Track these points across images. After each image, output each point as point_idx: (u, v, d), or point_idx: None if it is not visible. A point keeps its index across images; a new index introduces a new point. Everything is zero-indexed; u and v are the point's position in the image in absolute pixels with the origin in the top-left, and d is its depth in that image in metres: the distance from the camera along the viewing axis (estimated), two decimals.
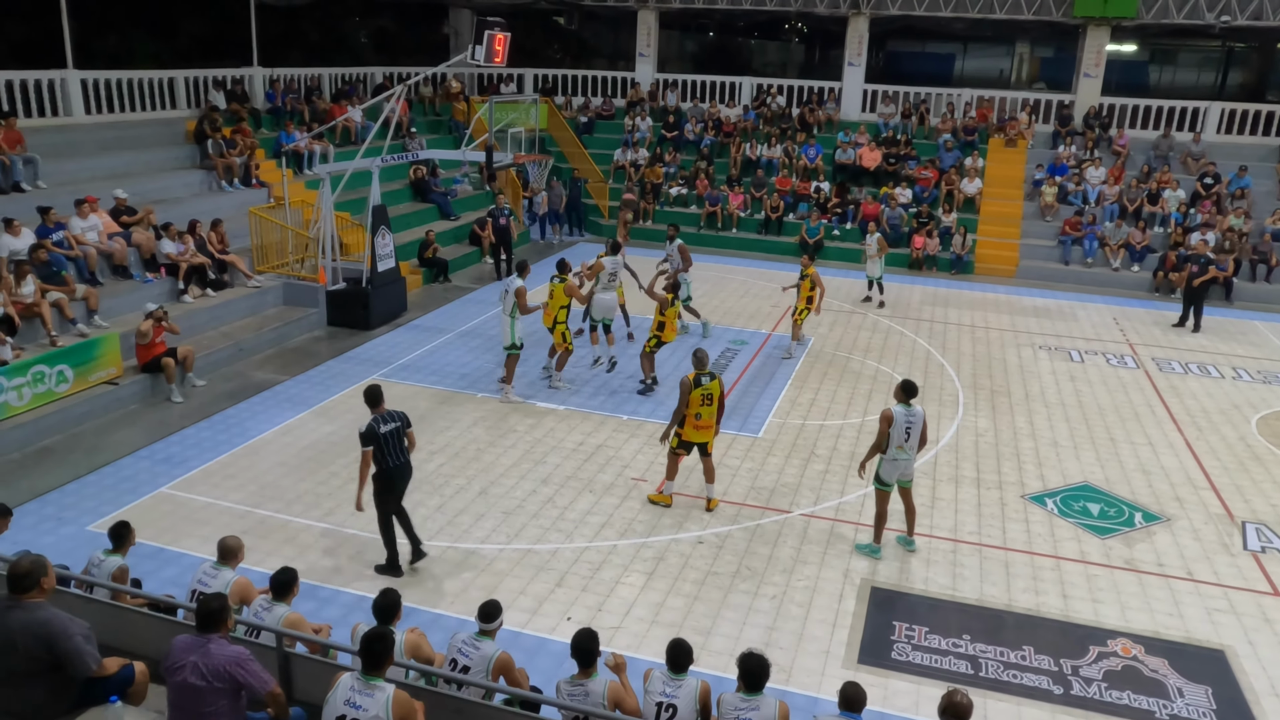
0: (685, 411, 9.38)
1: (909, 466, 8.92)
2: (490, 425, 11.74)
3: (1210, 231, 20.25)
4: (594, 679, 5.47)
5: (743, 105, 26.20)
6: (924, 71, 31.68)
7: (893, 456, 8.81)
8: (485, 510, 9.64)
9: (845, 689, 5.48)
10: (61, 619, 4.84)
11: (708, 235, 22.81)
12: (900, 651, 7.60)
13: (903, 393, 8.81)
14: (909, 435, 8.75)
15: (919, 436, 8.82)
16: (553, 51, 34.50)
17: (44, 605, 4.85)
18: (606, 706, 5.39)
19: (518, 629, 7.53)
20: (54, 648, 4.76)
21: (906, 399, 8.76)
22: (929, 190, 22.85)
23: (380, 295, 15.60)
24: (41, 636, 4.74)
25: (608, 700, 5.42)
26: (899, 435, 8.72)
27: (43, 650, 4.76)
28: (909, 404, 8.76)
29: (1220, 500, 10.55)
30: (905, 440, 8.75)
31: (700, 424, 9.45)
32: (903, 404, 8.76)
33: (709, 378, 9.40)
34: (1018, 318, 17.91)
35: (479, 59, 14.27)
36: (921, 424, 8.80)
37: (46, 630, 4.75)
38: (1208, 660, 7.65)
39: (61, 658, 4.78)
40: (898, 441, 8.74)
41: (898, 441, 8.74)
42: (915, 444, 8.83)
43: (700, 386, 9.34)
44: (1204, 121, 23.76)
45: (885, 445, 8.76)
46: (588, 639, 5.53)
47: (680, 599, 8.22)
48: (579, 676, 5.49)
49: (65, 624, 4.83)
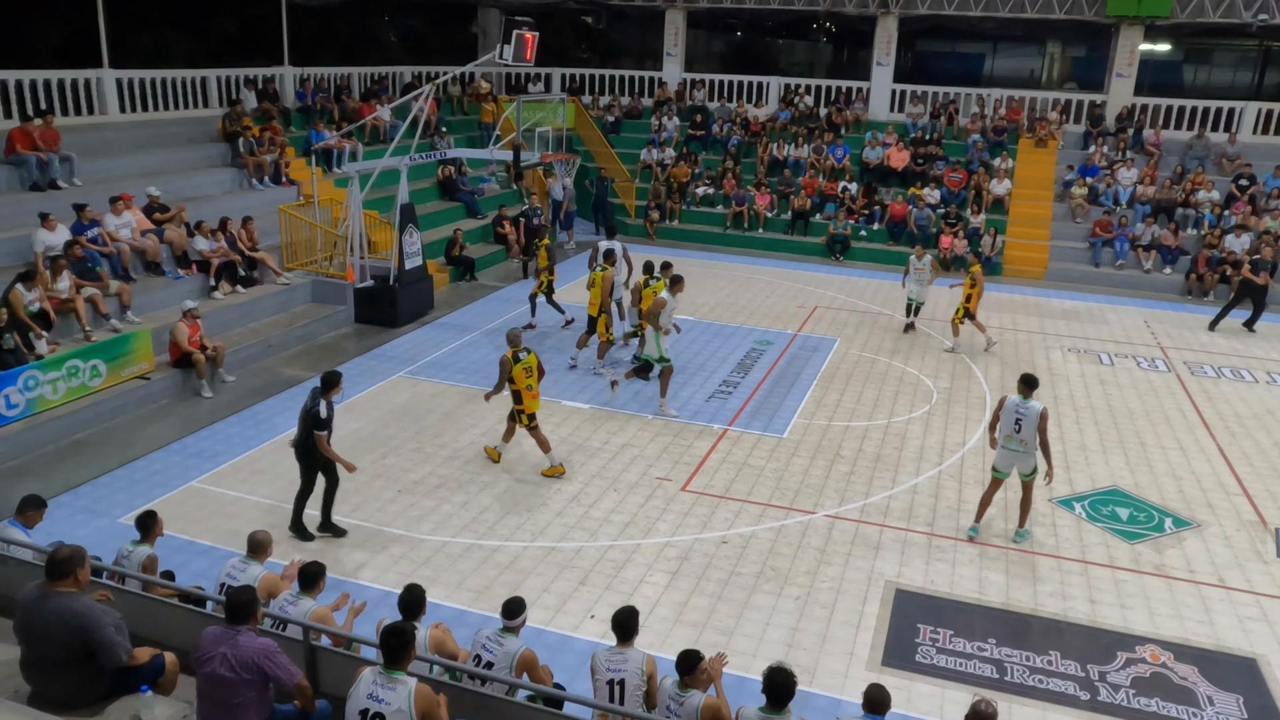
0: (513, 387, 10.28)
1: (1025, 460, 9.07)
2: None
3: (1245, 233, 19.96)
4: (633, 651, 5.64)
5: (774, 105, 26.13)
6: (953, 71, 31.46)
7: (1002, 445, 9.10)
8: (509, 508, 9.68)
9: (869, 691, 5.48)
10: (95, 609, 4.92)
11: (734, 235, 22.79)
12: (925, 654, 7.55)
13: (1023, 385, 9.05)
14: (1019, 427, 8.93)
15: (1033, 432, 8.88)
16: (581, 51, 34.60)
17: (78, 595, 4.94)
18: (644, 678, 5.52)
19: (541, 626, 7.56)
20: (87, 638, 4.85)
21: (1025, 392, 8.99)
22: (957, 191, 22.67)
23: (407, 293, 15.71)
24: (75, 626, 4.83)
25: (646, 669, 5.58)
26: (1008, 425, 8.98)
27: (76, 639, 4.84)
28: (1025, 397, 8.96)
29: (1253, 506, 10.40)
30: (1015, 431, 8.95)
31: (533, 394, 10.36)
32: (1019, 395, 9.00)
33: (525, 353, 10.34)
34: (1047, 320, 17.73)
35: (507, 58, 14.33)
36: (1036, 419, 8.87)
37: (80, 620, 4.84)
38: (1239, 668, 7.54)
39: (94, 647, 4.87)
40: (1006, 431, 9.01)
41: (1006, 431, 9.01)
42: (1030, 438, 8.92)
43: (519, 362, 10.23)
44: (1240, 122, 23.39)
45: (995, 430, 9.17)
46: (626, 615, 5.72)
47: (704, 599, 8.22)
48: (619, 646, 5.66)
49: (98, 614, 4.91)
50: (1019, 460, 9.09)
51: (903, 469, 10.97)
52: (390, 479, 10.19)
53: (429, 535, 9.07)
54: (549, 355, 13.93)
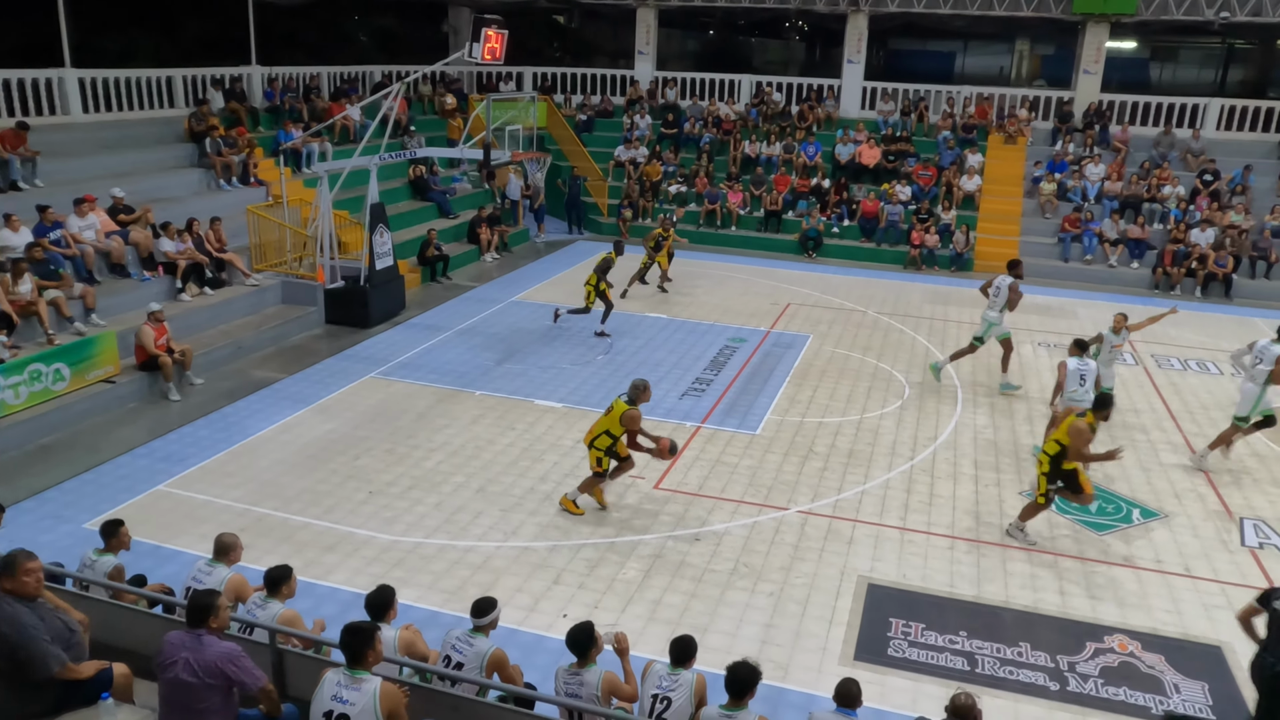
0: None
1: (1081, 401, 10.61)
2: (490, 423, 11.74)
3: (1210, 228, 20.24)
4: (590, 669, 5.54)
5: (745, 103, 26.21)
6: (925, 69, 31.67)
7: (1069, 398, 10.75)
8: (483, 508, 9.64)
9: (840, 685, 5.51)
10: (22, 616, 4.78)
11: (707, 233, 22.81)
12: (897, 648, 7.59)
13: (1076, 348, 10.97)
14: (1084, 381, 10.72)
15: (1093, 384, 10.76)
16: (552, 50, 34.50)
17: (11, 601, 4.81)
18: (600, 696, 5.44)
19: (514, 626, 7.54)
20: (14, 648, 4.72)
21: (1080, 353, 10.92)
22: (928, 187, 22.83)
23: (379, 293, 15.61)
24: (2, 634, 4.72)
25: (602, 689, 5.49)
26: (1074, 381, 10.79)
27: (5, 648, 4.74)
28: (1082, 356, 10.89)
29: (1219, 497, 10.54)
30: (1080, 386, 10.74)
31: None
32: (1076, 357, 10.88)
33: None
34: (1017, 315, 17.62)
35: (476, 56, 14.27)
36: (1095, 374, 10.92)
37: (6, 627, 4.72)
38: (1205, 656, 7.64)
39: (22, 658, 4.74)
40: (1072, 386, 10.78)
41: (1072, 386, 10.78)
42: (1090, 388, 10.69)
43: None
44: (1204, 118, 23.74)
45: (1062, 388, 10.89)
46: (581, 633, 5.60)
47: (677, 596, 8.22)
48: (576, 666, 5.57)
49: (26, 622, 4.77)
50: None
51: (875, 464, 11.03)
52: (363, 480, 10.11)
53: (402, 536, 9.01)
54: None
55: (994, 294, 13.53)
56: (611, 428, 9.26)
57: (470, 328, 15.65)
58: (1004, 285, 13.40)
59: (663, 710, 5.43)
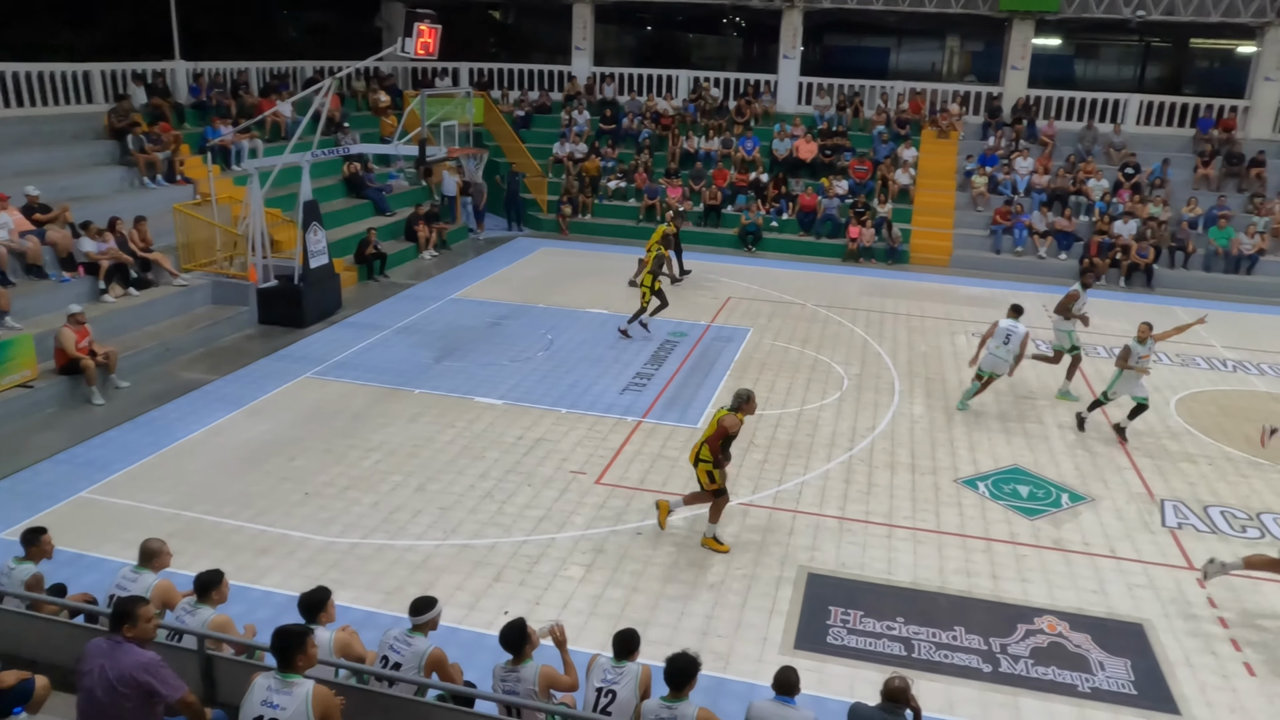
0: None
1: (1001, 365, 12.31)
2: (429, 421, 11.61)
3: (1132, 219, 20.87)
4: (526, 665, 5.52)
5: (683, 98, 26.28)
6: (860, 65, 32.06)
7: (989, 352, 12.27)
8: (422, 506, 9.53)
9: (779, 674, 5.57)
10: None
11: (647, 228, 22.74)
12: (836, 636, 7.69)
13: (1013, 311, 12.45)
14: (1008, 341, 12.17)
15: (1019, 345, 12.18)
16: (489, 45, 34.19)
17: None
18: (538, 691, 5.43)
19: (455, 624, 7.46)
20: None
21: (1015, 316, 12.37)
22: (864, 181, 23.16)
23: (314, 292, 15.33)
24: None
25: (540, 683, 5.48)
26: (999, 338, 12.23)
27: None
28: (1015, 320, 12.32)
29: (1141, 480, 10.87)
30: (1005, 343, 12.17)
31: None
32: (1010, 318, 12.35)
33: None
34: (952, 306, 18.24)
35: (409, 51, 14.08)
36: (1022, 337, 12.16)
37: None
38: (1128, 634, 7.87)
39: None
40: (997, 342, 12.23)
41: (997, 342, 12.23)
42: (1013, 350, 12.16)
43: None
44: (1124, 113, 24.50)
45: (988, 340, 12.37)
46: (513, 631, 5.58)
47: (619, 590, 8.22)
48: (511, 664, 5.55)
49: None
50: (996, 364, 12.32)
51: (815, 455, 11.15)
52: (298, 482, 9.92)
53: (339, 538, 8.86)
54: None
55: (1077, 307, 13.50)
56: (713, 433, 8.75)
57: (408, 326, 15.45)
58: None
59: (607, 703, 5.44)
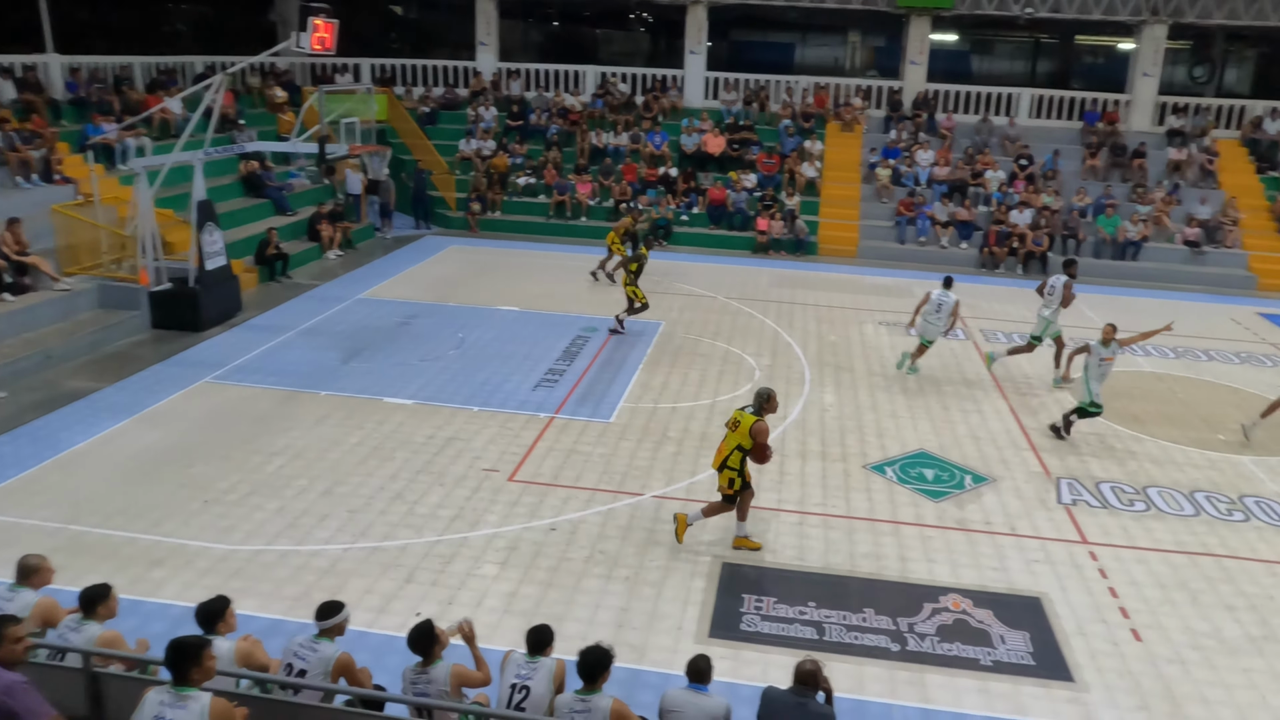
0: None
1: (934, 331, 13.65)
2: (336, 424, 11.32)
3: (1027, 209, 21.64)
4: (436, 666, 5.45)
5: (590, 93, 26.21)
6: (767, 60, 32.48)
7: (924, 318, 13.59)
8: (330, 510, 9.28)
9: (690, 662, 5.60)
10: None
11: (557, 224, 22.73)
12: (749, 623, 7.76)
13: (945, 284, 13.70)
14: (939, 310, 13.44)
15: (949, 314, 13.46)
16: (390, 41, 33.48)
17: None
18: (450, 690, 5.35)
19: (364, 628, 7.29)
20: None
21: (946, 287, 13.61)
22: (772, 175, 23.47)
23: (211, 295, 14.77)
24: None
25: (451, 682, 5.42)
26: (932, 309, 13.51)
27: None
28: (946, 291, 13.54)
29: (1039, 459, 11.27)
30: (936, 312, 13.47)
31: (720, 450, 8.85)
32: (941, 290, 13.59)
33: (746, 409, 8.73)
34: (860, 296, 18.62)
35: (305, 46, 13.67)
36: (952, 306, 13.41)
37: None
38: (1026, 608, 8.15)
39: None
40: (931, 310, 13.52)
41: (931, 310, 13.52)
42: (944, 318, 13.48)
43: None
44: (1017, 106, 25.42)
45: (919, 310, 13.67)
46: (420, 633, 5.50)
47: (534, 587, 8.15)
48: (421, 666, 5.47)
49: None
50: (929, 330, 13.64)
51: None
52: (196, 490, 9.55)
53: (240, 545, 8.56)
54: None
55: (1049, 293, 13.96)
56: (743, 442, 8.52)
57: (314, 327, 15.04)
58: (1059, 284, 13.85)
59: (521, 699, 5.40)
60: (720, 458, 8.68)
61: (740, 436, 8.52)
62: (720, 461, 8.68)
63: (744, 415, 8.55)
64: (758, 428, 8.43)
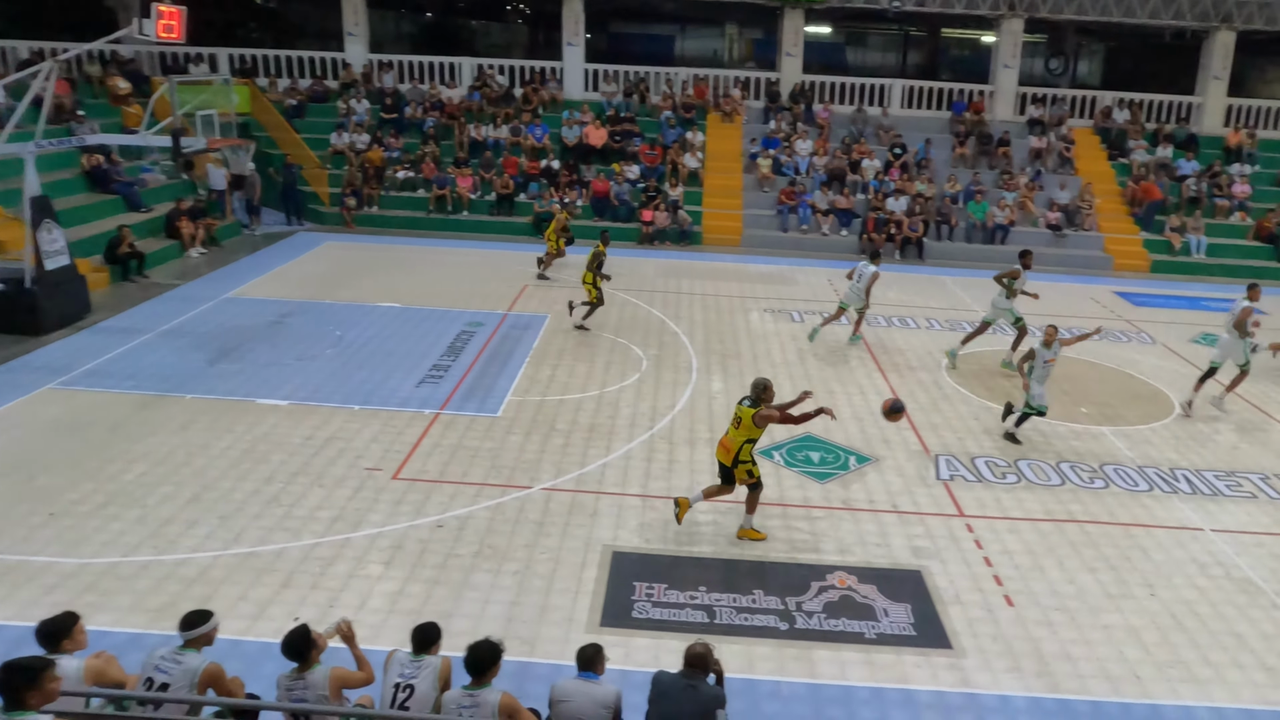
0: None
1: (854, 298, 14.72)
2: (204, 428, 10.72)
3: (902, 196, 22.34)
4: (314, 670, 5.26)
5: (467, 86, 25.72)
6: (647, 52, 32.67)
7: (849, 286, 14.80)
8: (198, 517, 8.78)
9: (579, 651, 5.56)
10: None
11: (437, 219, 22.23)
12: (641, 610, 7.72)
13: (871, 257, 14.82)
14: (859, 279, 14.56)
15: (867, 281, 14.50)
16: (249, 29, 31.94)
17: None
18: (330, 694, 5.14)
19: (237, 637, 6.94)
20: None
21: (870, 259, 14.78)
22: (655, 166, 23.54)
23: (52, 296, 13.76)
24: None
25: (330, 685, 5.22)
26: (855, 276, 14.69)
27: None
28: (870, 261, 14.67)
29: (919, 438, 11.59)
30: (858, 281, 14.57)
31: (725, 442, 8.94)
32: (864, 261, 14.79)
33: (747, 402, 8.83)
34: (745, 284, 18.85)
35: (149, 34, 12.87)
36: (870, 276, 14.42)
37: None
38: (907, 581, 8.37)
39: None
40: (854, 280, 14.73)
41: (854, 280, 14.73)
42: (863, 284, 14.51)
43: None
44: (890, 97, 26.23)
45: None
46: (295, 637, 5.30)
47: (419, 585, 7.91)
48: (297, 671, 5.27)
49: None
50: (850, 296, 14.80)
51: (616, 436, 11.17)
52: (40, 502, 8.87)
53: (92, 559, 7.99)
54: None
55: (1009, 282, 14.12)
56: (751, 434, 8.62)
57: (175, 329, 14.25)
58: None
59: (405, 699, 5.27)
60: (731, 455, 8.74)
61: (746, 431, 8.61)
62: (733, 459, 8.73)
63: (744, 410, 8.65)
64: (759, 417, 8.54)
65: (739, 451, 8.70)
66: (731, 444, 8.74)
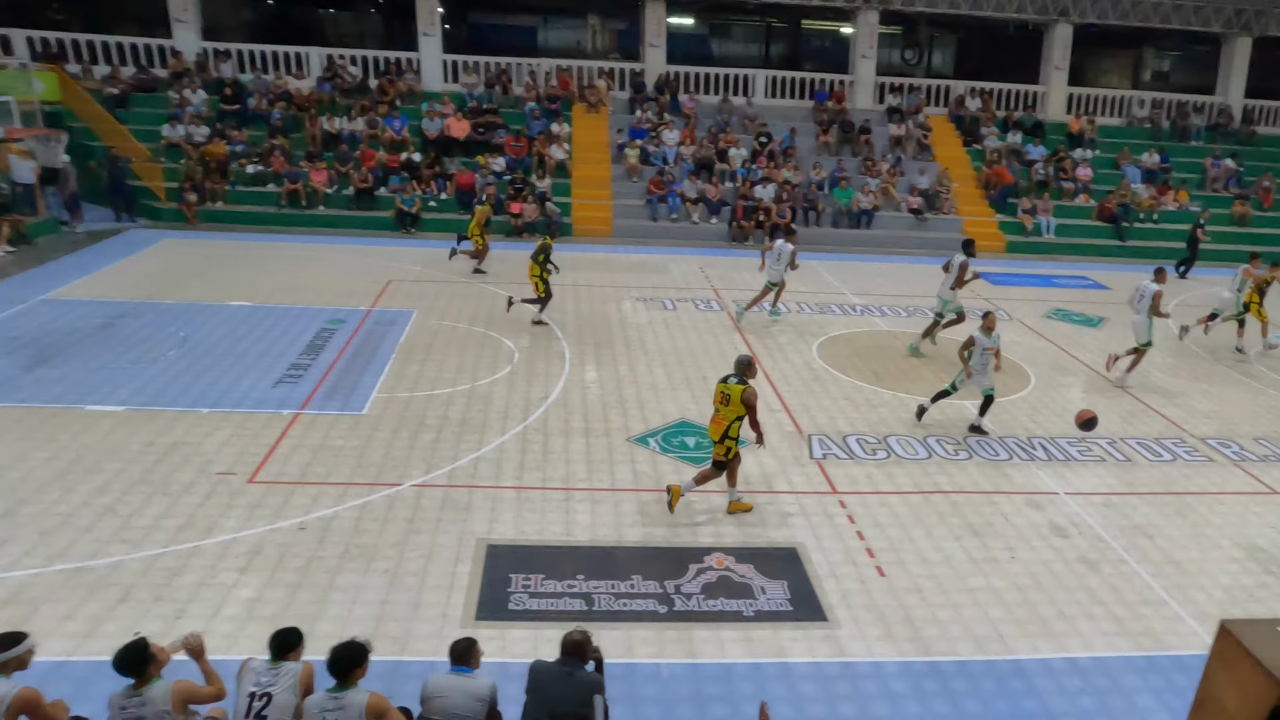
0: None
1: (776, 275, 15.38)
2: (19, 438, 9.82)
3: (770, 184, 22.69)
4: (153, 686, 4.91)
5: (317, 76, 24.64)
6: (508, 42, 32.14)
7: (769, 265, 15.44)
8: (11, 534, 8.01)
9: (453, 645, 5.37)
10: None
11: (291, 214, 21.22)
12: (518, 601, 7.50)
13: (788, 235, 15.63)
14: (779, 260, 15.27)
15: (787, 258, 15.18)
16: (53, 10, 29.40)
17: None
18: (172, 710, 4.80)
19: (64, 658, 6.36)
20: None
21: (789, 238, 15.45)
22: (521, 158, 23.15)
23: None
24: None
25: (174, 701, 4.88)
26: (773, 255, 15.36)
27: None
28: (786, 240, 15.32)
29: (791, 419, 11.71)
30: (777, 260, 15.28)
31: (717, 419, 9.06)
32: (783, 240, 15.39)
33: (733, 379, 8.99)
34: (616, 274, 18.73)
35: None
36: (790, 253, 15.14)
37: None
38: (784, 559, 8.41)
39: None
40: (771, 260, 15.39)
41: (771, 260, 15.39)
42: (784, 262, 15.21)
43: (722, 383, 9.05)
44: (754, 87, 26.66)
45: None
46: (130, 652, 4.93)
47: (280, 590, 7.44)
48: (134, 689, 4.90)
49: None
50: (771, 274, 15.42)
51: (489, 429, 10.85)
52: None
53: None
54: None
55: (948, 272, 14.24)
56: (739, 411, 8.78)
57: None
58: (956, 263, 14.11)
59: (262, 707, 4.98)
60: (720, 430, 8.89)
61: (735, 407, 8.77)
62: (721, 433, 8.89)
63: (732, 387, 8.79)
64: (748, 394, 8.72)
65: (728, 428, 8.86)
66: (722, 421, 8.88)
